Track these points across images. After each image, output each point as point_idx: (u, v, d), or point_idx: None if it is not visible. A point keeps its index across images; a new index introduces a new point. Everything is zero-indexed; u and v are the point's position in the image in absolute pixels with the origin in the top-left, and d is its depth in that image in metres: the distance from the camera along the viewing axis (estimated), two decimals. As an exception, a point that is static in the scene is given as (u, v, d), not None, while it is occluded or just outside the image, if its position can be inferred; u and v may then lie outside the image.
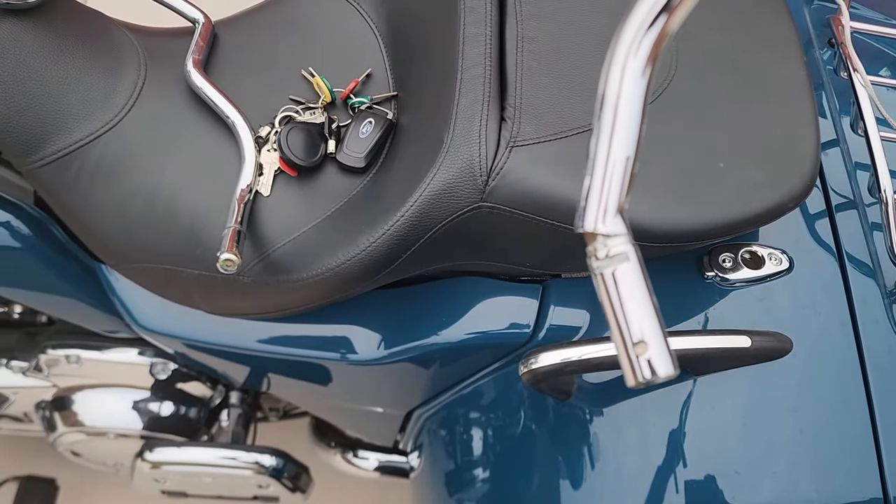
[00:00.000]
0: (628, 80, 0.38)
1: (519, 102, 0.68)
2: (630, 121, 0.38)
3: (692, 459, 0.71)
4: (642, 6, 0.37)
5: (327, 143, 0.77)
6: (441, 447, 0.96)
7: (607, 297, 0.37)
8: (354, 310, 0.82)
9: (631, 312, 0.37)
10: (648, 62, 0.38)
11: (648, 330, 0.36)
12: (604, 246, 0.38)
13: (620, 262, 0.38)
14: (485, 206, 0.65)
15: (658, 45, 0.38)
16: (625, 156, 0.38)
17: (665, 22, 0.37)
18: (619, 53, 0.38)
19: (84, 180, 0.75)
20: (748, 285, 0.74)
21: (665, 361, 0.36)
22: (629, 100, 0.38)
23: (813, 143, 0.70)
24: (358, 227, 0.70)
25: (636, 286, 0.37)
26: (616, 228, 0.38)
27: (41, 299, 0.89)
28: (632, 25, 0.38)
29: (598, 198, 0.38)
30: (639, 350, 0.36)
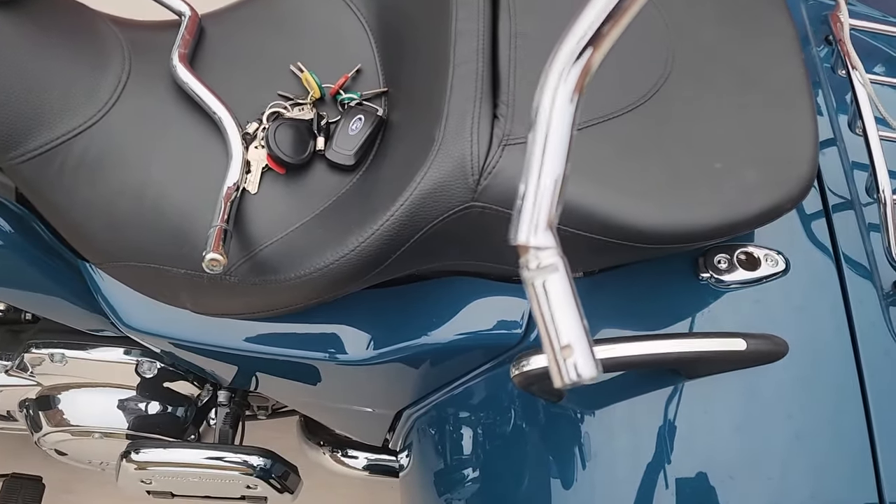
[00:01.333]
0: (558, 106, 0.42)
1: (512, 100, 0.66)
2: (559, 143, 0.42)
3: (685, 464, 0.70)
4: (570, 39, 0.42)
5: (316, 140, 0.75)
6: (430, 447, 0.94)
7: (537, 305, 0.40)
8: (344, 309, 0.81)
9: (558, 319, 0.40)
10: (576, 90, 0.42)
11: (574, 335, 0.39)
12: (535, 258, 0.41)
13: (550, 272, 0.41)
14: (476, 205, 0.64)
15: (584, 76, 0.42)
16: (554, 175, 0.42)
17: (591, 55, 0.42)
18: (551, 81, 0.42)
19: (67, 177, 0.73)
20: (743, 287, 0.73)
21: (588, 364, 0.39)
22: (559, 124, 0.42)
23: (811, 144, 0.68)
24: (347, 226, 0.68)
25: (564, 295, 0.40)
26: (546, 242, 0.41)
27: (25, 297, 0.87)
28: (561, 56, 0.42)
29: (529, 213, 0.42)
30: (565, 354, 0.39)
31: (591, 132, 0.66)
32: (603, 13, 0.41)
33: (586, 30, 0.42)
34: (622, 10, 0.42)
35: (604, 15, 0.41)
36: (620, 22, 0.42)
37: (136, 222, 0.74)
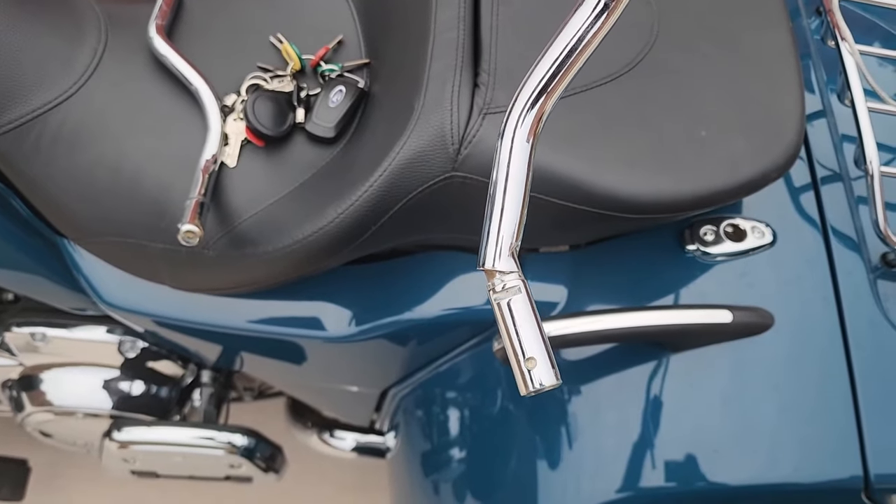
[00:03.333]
0: (516, 148, 0.47)
1: (493, 68, 0.65)
2: (518, 181, 0.47)
3: (671, 438, 0.69)
4: (526, 90, 0.47)
5: (296, 113, 0.74)
6: (417, 427, 0.94)
7: (503, 323, 0.45)
8: (326, 286, 0.80)
9: (522, 334, 0.45)
10: (531, 133, 0.47)
11: (536, 349, 0.44)
12: (500, 281, 0.46)
13: (513, 294, 0.46)
14: (457, 175, 0.63)
15: (538, 120, 0.47)
16: (514, 209, 0.47)
17: (542, 103, 0.47)
18: (509, 126, 0.47)
19: (44, 150, 0.72)
20: (730, 259, 0.72)
21: (549, 374, 0.44)
22: (516, 163, 0.47)
23: (797, 112, 0.67)
24: (327, 198, 0.67)
25: (526, 313, 0.45)
26: (509, 266, 0.46)
27: (3, 275, 0.86)
28: (518, 104, 0.47)
29: (494, 243, 0.47)
30: (529, 364, 0.44)
31: (574, 101, 0.65)
32: (554, 65, 0.47)
33: (539, 81, 0.47)
34: (571, 62, 0.47)
35: (553, 67, 0.47)
36: (571, 71, 0.47)
37: (113, 196, 0.72)
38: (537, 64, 0.48)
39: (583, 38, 0.47)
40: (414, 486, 0.94)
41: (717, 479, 0.68)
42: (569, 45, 0.47)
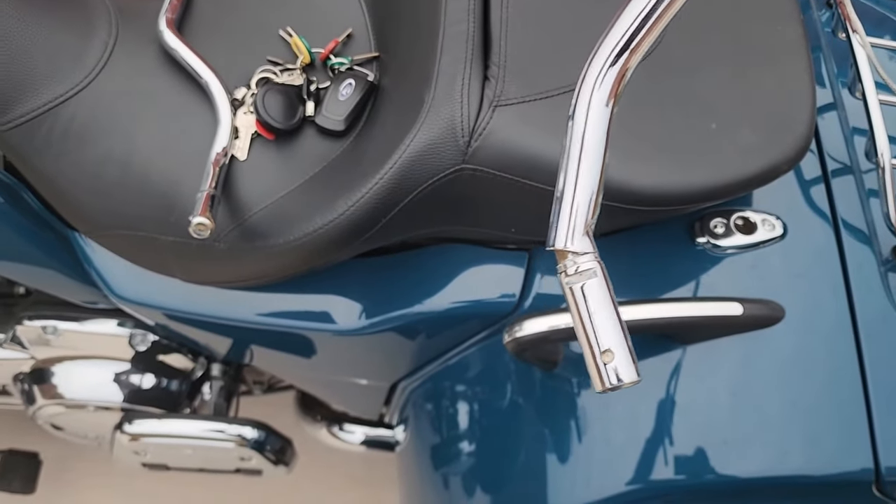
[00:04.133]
0: (593, 112, 0.42)
1: (503, 60, 0.65)
2: (596, 150, 0.42)
3: (680, 430, 0.69)
4: (606, 44, 0.42)
5: (306, 106, 0.74)
6: (426, 421, 0.94)
7: (576, 310, 0.41)
8: (336, 279, 0.80)
9: (598, 324, 0.40)
10: (611, 95, 0.42)
11: (614, 340, 0.40)
12: (573, 263, 0.41)
13: (588, 277, 0.41)
14: (467, 168, 0.63)
15: (619, 80, 0.42)
16: (591, 181, 0.42)
17: (626, 60, 0.41)
18: (586, 87, 0.42)
19: (55, 144, 0.72)
20: (740, 252, 0.72)
21: (629, 369, 0.40)
22: (594, 130, 0.42)
23: (808, 104, 0.67)
24: (337, 191, 0.67)
25: (603, 300, 0.41)
26: (584, 247, 0.42)
27: (14, 269, 0.87)
28: (597, 61, 0.42)
29: (567, 219, 0.42)
30: (605, 358, 0.40)
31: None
32: (639, 17, 0.41)
33: (622, 34, 0.41)
34: (660, 14, 0.41)
35: (640, 19, 0.41)
36: (657, 26, 0.42)
37: (123, 190, 0.73)
38: (620, 15, 0.42)
39: None
40: (423, 480, 0.95)
41: (727, 472, 0.68)
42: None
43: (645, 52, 0.42)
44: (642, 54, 0.42)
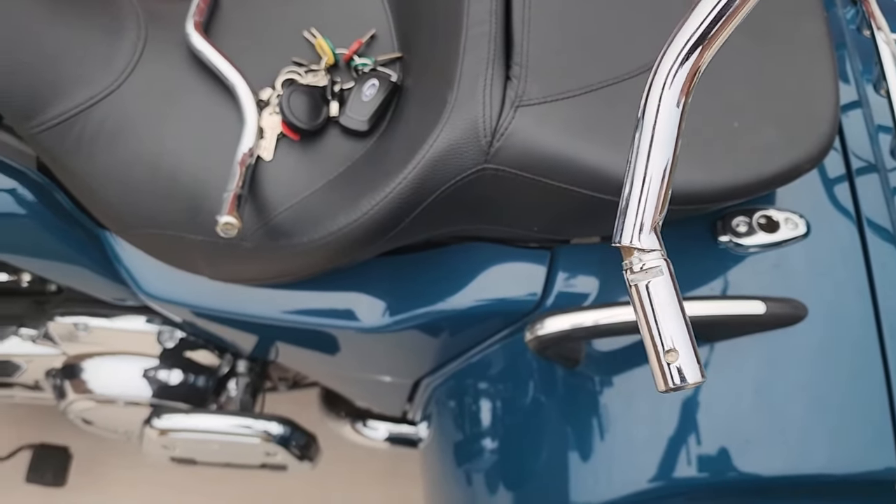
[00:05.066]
0: (664, 110, 0.41)
1: (525, 61, 0.66)
2: (665, 148, 0.41)
3: (703, 427, 0.70)
4: (677, 42, 0.41)
5: (330, 106, 0.75)
6: (449, 417, 0.95)
7: (641, 308, 0.41)
8: (360, 277, 0.81)
9: (663, 323, 0.40)
10: (682, 94, 0.41)
11: (679, 339, 0.40)
12: (639, 260, 0.41)
13: (654, 275, 0.41)
14: (489, 168, 0.64)
15: (691, 79, 0.41)
16: (660, 178, 0.41)
17: (697, 57, 0.41)
18: (657, 83, 0.42)
19: (86, 145, 0.74)
20: (763, 250, 0.72)
21: (694, 369, 0.39)
22: (664, 127, 0.41)
23: (831, 102, 0.67)
24: (361, 190, 0.68)
25: (668, 298, 0.40)
26: (651, 244, 0.41)
27: (47, 266, 0.89)
28: (668, 58, 0.41)
29: (634, 216, 0.41)
30: (669, 358, 0.39)
31: (606, 93, 0.66)
32: (712, 13, 0.41)
33: (693, 31, 0.41)
34: (735, 9, 0.40)
35: (714, 14, 0.41)
36: (731, 22, 0.41)
37: (152, 190, 0.74)
38: (692, 12, 0.41)
39: None
40: (446, 476, 0.96)
41: (749, 470, 0.68)
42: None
43: (718, 48, 0.41)
44: (714, 51, 0.42)
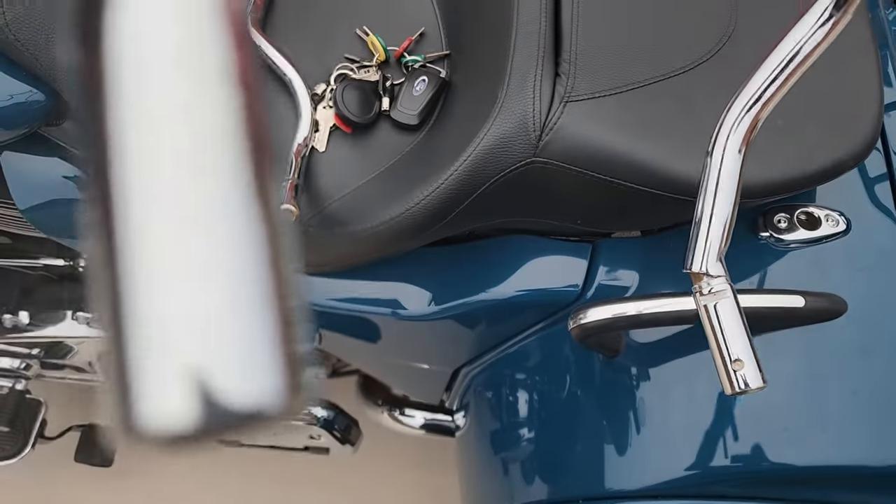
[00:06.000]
0: (728, 155, 0.47)
1: (574, 57, 0.68)
2: (729, 188, 0.47)
3: (740, 417, 0.71)
4: (742, 97, 0.47)
5: (381, 101, 0.78)
6: (487, 407, 0.97)
7: (709, 325, 0.47)
8: (405, 267, 0.84)
9: (730, 337, 0.46)
10: (744, 142, 0.47)
11: (744, 352, 0.46)
12: (707, 284, 0.48)
13: (721, 297, 0.47)
14: (538, 161, 0.66)
15: (751, 130, 0.47)
16: (724, 215, 0.48)
17: (757, 112, 0.47)
18: (722, 133, 0.48)
19: None
20: (803, 247, 0.74)
21: (756, 377, 0.46)
22: (728, 170, 0.47)
23: (875, 103, 0.68)
24: (412, 181, 0.71)
25: (733, 316, 0.47)
26: (717, 271, 0.48)
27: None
28: (733, 111, 0.47)
29: (703, 246, 0.48)
30: (736, 367, 0.46)
31: (654, 89, 0.67)
32: (772, 75, 0.46)
33: (756, 89, 0.47)
34: (789, 74, 0.46)
35: (773, 77, 0.46)
36: (788, 83, 0.46)
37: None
38: (755, 72, 0.47)
39: (804, 49, 0.46)
40: (482, 465, 0.98)
41: (785, 460, 0.70)
42: (790, 55, 0.46)
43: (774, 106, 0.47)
44: (772, 108, 0.47)
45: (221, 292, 0.16)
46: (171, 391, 0.16)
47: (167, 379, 0.16)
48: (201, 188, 0.14)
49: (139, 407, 0.16)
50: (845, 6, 0.44)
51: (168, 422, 0.16)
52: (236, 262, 0.15)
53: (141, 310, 0.15)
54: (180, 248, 0.15)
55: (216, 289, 0.15)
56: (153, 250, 0.15)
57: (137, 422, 0.16)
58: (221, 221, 0.15)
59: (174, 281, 0.15)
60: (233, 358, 0.16)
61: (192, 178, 0.15)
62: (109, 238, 0.15)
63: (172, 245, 0.15)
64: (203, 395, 0.16)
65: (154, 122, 0.15)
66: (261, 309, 0.16)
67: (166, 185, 0.15)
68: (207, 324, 0.16)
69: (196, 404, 0.16)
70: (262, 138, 0.16)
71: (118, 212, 0.15)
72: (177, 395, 0.16)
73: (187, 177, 0.15)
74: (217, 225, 0.15)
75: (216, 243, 0.15)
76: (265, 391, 0.16)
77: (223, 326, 0.16)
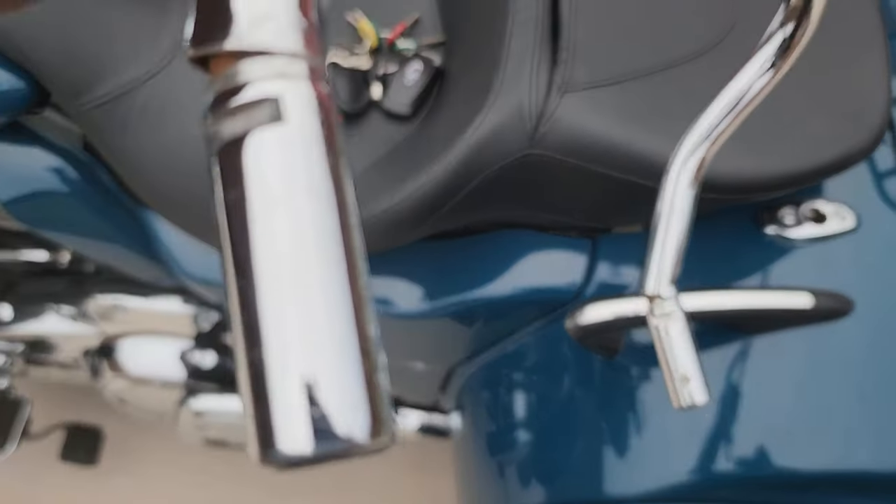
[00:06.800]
0: (680, 189, 0.51)
1: (573, 45, 0.65)
2: (680, 219, 0.51)
3: (743, 420, 0.69)
4: (692, 136, 0.50)
5: (373, 90, 0.75)
6: (483, 407, 0.94)
7: (661, 344, 0.51)
8: (397, 262, 0.81)
9: (678, 356, 0.50)
10: (695, 178, 0.51)
11: (691, 369, 0.50)
12: (660, 306, 0.51)
13: (671, 319, 0.51)
14: (534, 152, 0.63)
15: (702, 166, 0.51)
16: (677, 243, 0.51)
17: (708, 148, 0.50)
18: (675, 168, 0.51)
19: (133, 123, 0.75)
20: (810, 243, 0.71)
21: (702, 393, 0.50)
22: (680, 203, 0.51)
23: (883, 93, 0.66)
24: (403, 173, 0.68)
25: (683, 337, 0.51)
26: (669, 294, 0.51)
27: (87, 244, 0.90)
28: (684, 150, 0.50)
29: (656, 271, 0.51)
30: (683, 383, 0.50)
31: (656, 79, 0.65)
32: (722, 115, 0.49)
33: (706, 128, 0.50)
34: (738, 112, 0.49)
35: (722, 116, 0.49)
36: (736, 122, 0.49)
37: (198, 170, 0.75)
38: (704, 114, 0.50)
39: (749, 93, 0.49)
40: (479, 467, 0.95)
41: (790, 465, 0.67)
42: (736, 98, 0.49)
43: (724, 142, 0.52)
44: (721, 144, 0.53)
45: (330, 349, 0.20)
46: (296, 427, 0.21)
47: (293, 417, 0.20)
48: (316, 275, 0.20)
49: (273, 437, 0.21)
50: (785, 54, 0.47)
51: (292, 449, 0.21)
52: (339, 329, 0.20)
53: (274, 367, 0.20)
54: (303, 321, 0.20)
55: (327, 346, 0.20)
56: (281, 320, 0.20)
57: (272, 448, 0.21)
58: (328, 299, 0.20)
59: (296, 344, 0.20)
60: (340, 404, 0.20)
61: (312, 267, 0.20)
62: (251, 313, 0.20)
63: (297, 319, 0.20)
64: (317, 430, 0.20)
65: (280, 236, 0.20)
66: (355, 365, 0.21)
67: (293, 277, 0.20)
68: (321, 376, 0.20)
69: (311, 437, 0.21)
70: (351, 234, 0.21)
71: (258, 295, 0.20)
72: (300, 430, 0.21)
73: (307, 268, 0.20)
74: (326, 303, 0.20)
75: (326, 315, 0.20)
76: (357, 429, 0.21)
77: (332, 378, 0.20)
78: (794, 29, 0.46)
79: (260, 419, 0.21)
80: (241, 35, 0.22)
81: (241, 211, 0.21)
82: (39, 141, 0.80)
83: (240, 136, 0.21)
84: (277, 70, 0.22)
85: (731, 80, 0.49)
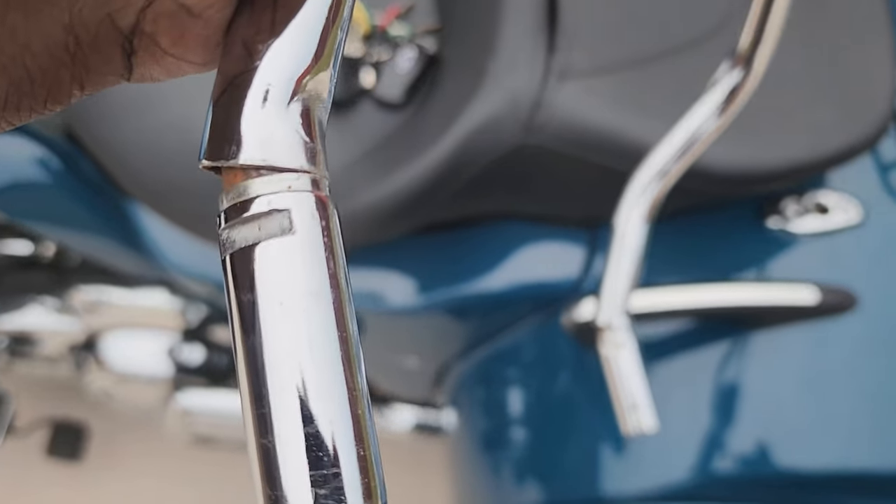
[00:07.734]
0: (633, 224, 0.53)
1: (571, 31, 0.63)
2: (632, 253, 0.53)
3: (743, 419, 0.67)
4: (644, 173, 0.51)
5: (364, 78, 0.73)
6: (478, 403, 0.93)
7: (611, 372, 0.53)
8: (390, 255, 0.79)
9: (629, 384, 0.52)
10: (649, 213, 0.52)
11: (640, 397, 0.52)
12: (612, 336, 0.52)
13: (623, 348, 0.52)
14: (530, 143, 0.61)
15: (655, 202, 0.52)
16: (627, 275, 0.53)
17: (660, 186, 0.51)
18: (627, 205, 0.52)
19: (117, 111, 0.73)
20: (813, 235, 0.69)
21: (650, 420, 0.51)
22: (633, 237, 0.53)
23: (889, 82, 0.64)
24: (395, 163, 0.66)
25: (633, 366, 0.52)
26: (621, 324, 0.53)
27: (71, 236, 0.87)
28: (637, 185, 0.52)
29: (608, 302, 0.53)
30: (632, 411, 0.51)
31: (654, 68, 0.63)
32: (672, 155, 0.51)
33: (658, 167, 0.51)
34: (689, 152, 0.50)
35: (672, 156, 0.51)
36: (687, 162, 0.51)
37: (182, 158, 0.73)
38: (653, 153, 0.52)
39: (701, 132, 0.50)
40: (473, 465, 0.94)
41: (792, 465, 0.66)
42: (684, 140, 0.50)
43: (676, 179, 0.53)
44: (672, 183, 0.52)
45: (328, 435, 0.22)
46: None
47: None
48: (315, 376, 0.22)
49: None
50: (731, 99, 0.49)
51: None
52: (336, 421, 0.22)
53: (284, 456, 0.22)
54: (304, 414, 0.22)
55: (327, 435, 0.22)
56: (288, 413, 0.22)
57: None
58: (328, 398, 0.22)
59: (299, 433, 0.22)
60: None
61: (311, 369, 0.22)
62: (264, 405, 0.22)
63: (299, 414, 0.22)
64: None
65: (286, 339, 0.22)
66: (350, 448, 0.23)
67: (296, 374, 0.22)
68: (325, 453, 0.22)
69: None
70: (350, 339, 0.23)
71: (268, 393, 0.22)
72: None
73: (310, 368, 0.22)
74: (325, 400, 0.22)
75: (328, 418, 0.22)
76: None
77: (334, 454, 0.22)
78: (743, 77, 0.48)
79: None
80: (251, 154, 0.24)
81: (252, 311, 0.23)
82: (21, 131, 0.78)
83: (252, 244, 0.23)
84: (285, 185, 0.24)
85: (679, 120, 0.50)
